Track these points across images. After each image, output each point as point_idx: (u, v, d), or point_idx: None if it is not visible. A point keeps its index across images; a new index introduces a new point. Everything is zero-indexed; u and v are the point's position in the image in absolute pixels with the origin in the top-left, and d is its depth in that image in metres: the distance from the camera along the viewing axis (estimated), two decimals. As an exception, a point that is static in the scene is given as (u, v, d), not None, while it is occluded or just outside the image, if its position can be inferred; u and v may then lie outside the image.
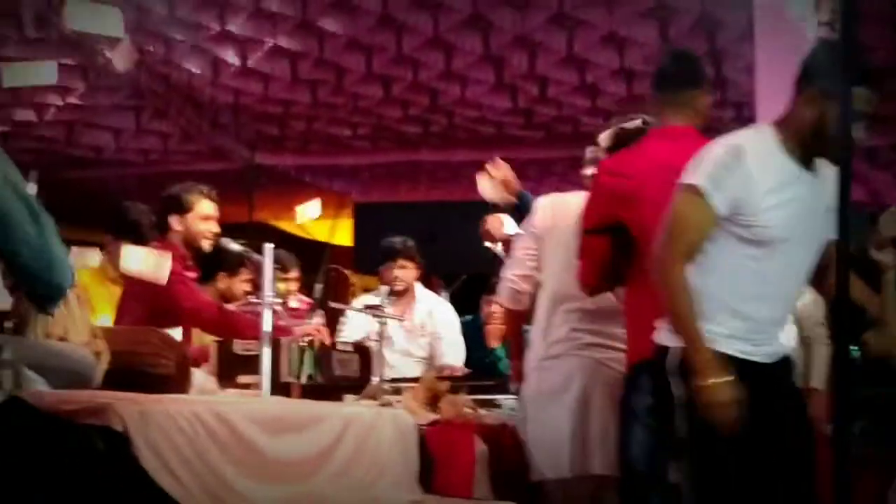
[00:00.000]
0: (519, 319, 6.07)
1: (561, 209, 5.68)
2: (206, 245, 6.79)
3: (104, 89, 13.39)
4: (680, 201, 4.24)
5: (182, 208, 6.73)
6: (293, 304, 8.52)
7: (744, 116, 12.48)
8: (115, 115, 14.03)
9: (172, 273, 6.45)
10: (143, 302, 6.44)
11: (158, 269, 6.11)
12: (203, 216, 6.75)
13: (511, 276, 5.84)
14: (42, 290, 3.96)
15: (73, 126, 14.15)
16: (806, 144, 4.29)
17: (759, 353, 4.33)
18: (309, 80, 13.00)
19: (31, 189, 4.08)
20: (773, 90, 8.79)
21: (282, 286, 8.63)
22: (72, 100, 13.48)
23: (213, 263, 7.41)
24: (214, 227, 6.81)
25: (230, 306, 7.53)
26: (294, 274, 8.93)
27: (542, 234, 5.71)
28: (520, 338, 6.09)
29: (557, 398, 5.50)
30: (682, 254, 4.20)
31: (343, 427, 4.86)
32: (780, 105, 4.48)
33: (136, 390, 4.57)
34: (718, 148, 4.28)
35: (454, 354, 8.20)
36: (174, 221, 6.71)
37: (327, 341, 6.26)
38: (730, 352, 4.24)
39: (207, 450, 4.10)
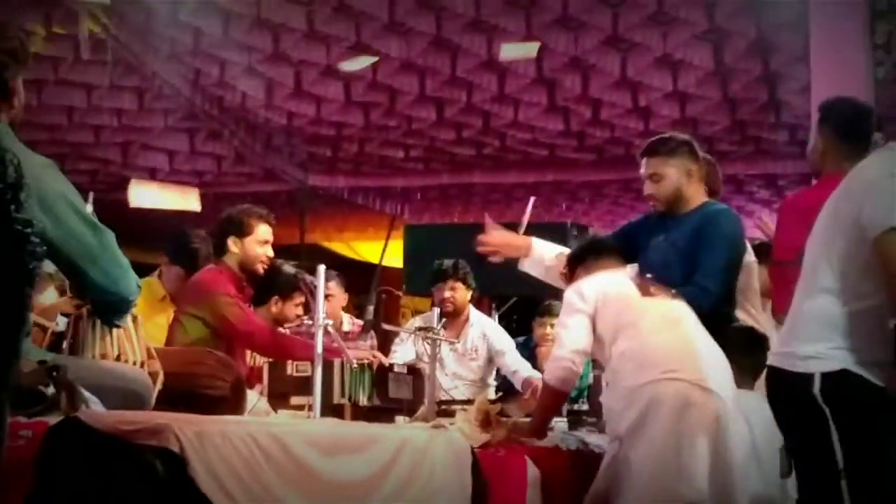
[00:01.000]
0: (562, 399, 5.96)
1: (607, 284, 5.62)
2: (261, 269, 6.80)
3: (159, 111, 13.50)
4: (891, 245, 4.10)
5: (241, 231, 6.74)
6: (346, 326, 8.53)
7: (798, 139, 12.45)
8: (170, 137, 14.13)
9: (226, 295, 6.49)
10: (196, 322, 6.47)
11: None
12: (261, 241, 6.77)
13: (568, 355, 5.65)
14: (110, 304, 4.01)
15: (128, 147, 14.26)
16: None
17: None
18: (362, 102, 13.05)
19: (88, 209, 4.12)
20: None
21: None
22: (127, 121, 13.59)
23: (266, 287, 7.44)
24: (270, 252, 6.83)
25: (284, 329, 7.56)
26: (335, 292, 8.89)
27: (597, 311, 5.61)
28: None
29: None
30: None
31: (397, 449, 4.85)
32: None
33: (191, 411, 4.59)
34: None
35: (525, 366, 8.16)
36: (232, 244, 6.72)
37: (385, 363, 6.26)
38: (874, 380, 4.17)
39: (263, 471, 4.11)
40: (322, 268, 5.92)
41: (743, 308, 6.00)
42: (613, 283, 5.64)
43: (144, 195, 6.72)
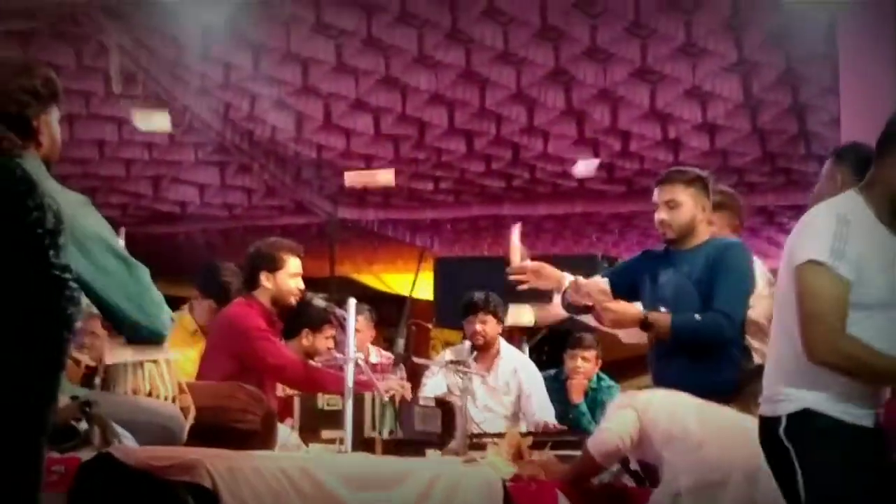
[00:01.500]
0: (599, 470, 5.95)
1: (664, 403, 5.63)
2: (293, 301, 6.81)
3: (189, 145, 13.55)
4: (809, 278, 4.12)
5: (273, 266, 6.75)
6: (374, 358, 8.52)
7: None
8: (200, 171, 14.18)
9: (257, 329, 6.49)
10: (230, 357, 6.48)
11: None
12: (292, 274, 6.78)
13: (617, 437, 5.65)
14: (144, 338, 4.03)
15: (158, 181, 14.32)
16: (894, 208, 4.23)
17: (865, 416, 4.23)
18: (391, 134, 13.07)
19: (120, 244, 4.14)
20: (861, 132, 8.74)
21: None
22: (158, 155, 13.65)
23: (297, 320, 7.44)
24: (301, 284, 6.84)
25: (314, 362, 7.56)
26: (362, 326, 8.88)
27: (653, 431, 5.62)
28: None
29: None
30: (840, 327, 4.10)
31: (429, 483, 4.84)
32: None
33: (222, 446, 4.60)
34: (825, 218, 4.20)
35: (546, 411, 8.14)
36: (264, 279, 6.72)
37: (408, 396, 6.24)
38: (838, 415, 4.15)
39: (294, 506, 4.11)
40: (352, 301, 5.93)
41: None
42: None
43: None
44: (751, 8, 10.30)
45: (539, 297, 7.02)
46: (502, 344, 8.36)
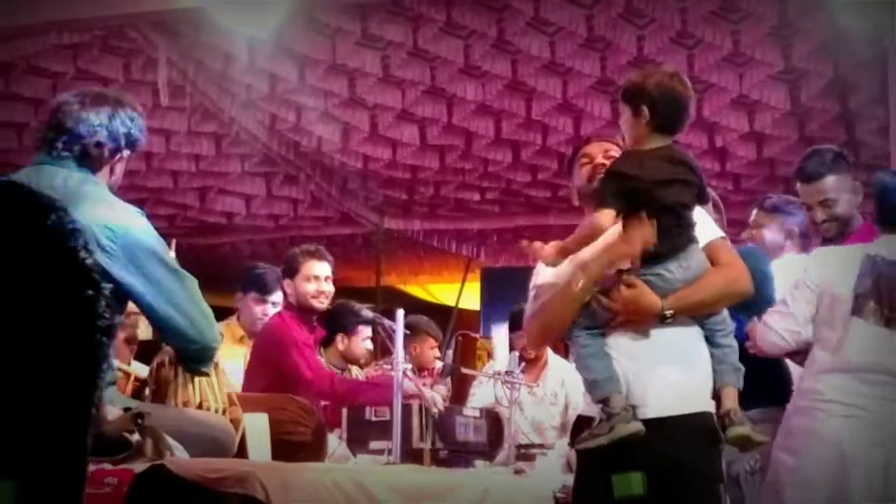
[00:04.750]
0: None
1: None
2: (318, 305, 6.86)
3: (236, 156, 13.60)
4: None
5: (289, 272, 6.88)
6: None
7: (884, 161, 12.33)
8: (247, 182, 14.23)
9: (290, 340, 6.55)
10: (268, 369, 6.53)
11: None
12: (309, 276, 6.83)
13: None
14: (194, 352, 4.06)
15: (206, 192, 14.38)
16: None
17: None
18: (437, 145, 13.08)
19: (171, 255, 4.18)
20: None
21: (429, 353, 8.63)
22: (205, 167, 13.71)
23: (329, 326, 7.50)
24: (324, 287, 6.87)
25: (361, 372, 7.58)
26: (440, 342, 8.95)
27: None
28: None
29: None
30: None
31: (481, 496, 4.84)
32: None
33: (274, 458, 4.61)
34: None
35: None
36: (286, 286, 6.85)
37: (440, 406, 6.20)
38: None
39: (346, 519, 4.11)
40: (401, 312, 5.94)
41: None
42: None
43: None
44: (798, 16, 10.24)
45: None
46: (550, 355, 8.35)
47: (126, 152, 4.22)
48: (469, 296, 16.22)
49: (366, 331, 7.69)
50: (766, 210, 6.42)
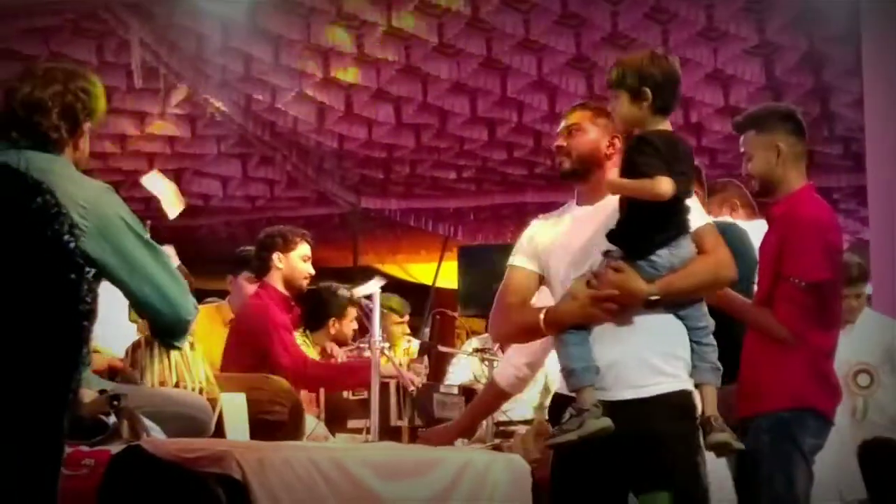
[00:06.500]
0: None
1: None
2: (306, 285, 6.85)
3: (211, 138, 13.57)
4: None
5: (286, 247, 6.81)
6: (403, 345, 8.59)
7: (852, 152, 12.36)
8: (223, 163, 14.20)
9: (273, 324, 6.52)
10: (247, 350, 6.51)
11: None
12: (304, 256, 6.82)
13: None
14: (168, 325, 4.06)
15: (181, 174, 14.34)
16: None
17: None
18: (413, 124, 13.07)
19: (144, 230, 4.16)
20: (883, 123, 8.70)
21: (397, 329, 8.68)
22: (180, 149, 13.67)
23: (322, 310, 7.48)
24: (311, 270, 6.87)
25: (342, 351, 7.58)
26: (407, 318, 8.98)
27: None
28: None
29: None
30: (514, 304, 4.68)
31: (458, 472, 4.84)
32: (890, 138, 4.44)
33: (252, 437, 4.61)
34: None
35: None
36: (277, 259, 6.78)
37: (416, 383, 6.20)
38: None
39: (324, 496, 4.11)
40: (377, 291, 5.93)
41: None
42: None
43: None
44: (772, -10, 10.28)
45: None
46: (527, 332, 8.33)
47: (87, 125, 4.17)
48: (447, 274, 16.22)
49: (353, 312, 7.69)
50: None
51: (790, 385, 4.81)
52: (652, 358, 4.28)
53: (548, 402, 8.26)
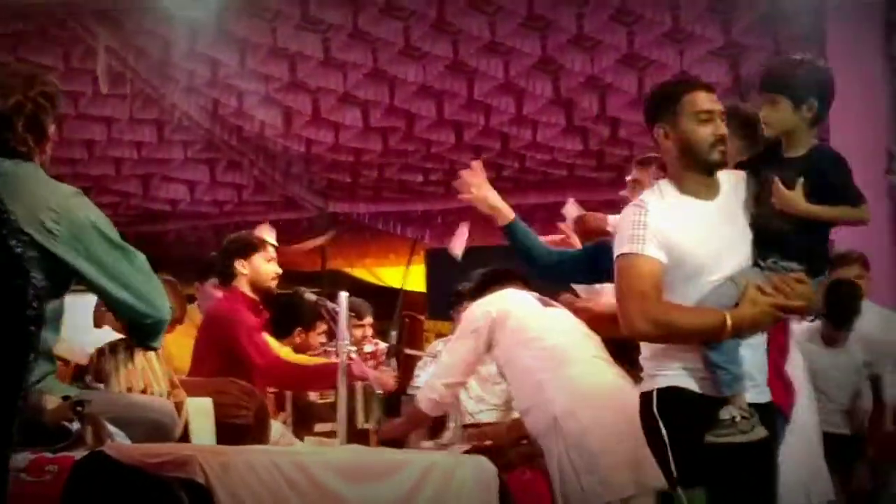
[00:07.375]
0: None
1: None
2: (272, 285, 6.83)
3: (178, 143, 13.55)
4: (621, 266, 4.46)
5: (246, 252, 6.77)
6: (368, 347, 8.56)
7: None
8: (190, 168, 14.18)
9: (243, 325, 6.50)
10: (217, 353, 6.49)
11: None
12: (268, 258, 6.80)
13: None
14: (145, 326, 4.06)
15: (149, 180, 14.32)
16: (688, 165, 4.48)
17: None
18: (380, 127, 13.07)
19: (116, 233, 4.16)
20: (849, 123, 8.75)
21: (357, 332, 8.67)
22: (147, 154, 13.64)
23: (289, 318, 7.47)
24: (278, 269, 6.85)
25: (304, 357, 7.57)
26: (368, 320, 8.94)
27: None
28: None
29: None
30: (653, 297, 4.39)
31: (422, 474, 4.85)
32: (855, 137, 4.45)
33: (217, 442, 4.61)
34: (627, 213, 4.49)
35: None
36: (240, 266, 6.75)
37: (389, 386, 6.22)
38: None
39: (288, 499, 4.11)
40: (344, 294, 5.95)
41: None
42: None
43: None
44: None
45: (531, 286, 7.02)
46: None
47: (52, 128, 4.16)
48: (415, 278, 16.23)
49: (323, 325, 7.68)
50: (640, 164, 6.44)
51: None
52: (765, 366, 4.47)
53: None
